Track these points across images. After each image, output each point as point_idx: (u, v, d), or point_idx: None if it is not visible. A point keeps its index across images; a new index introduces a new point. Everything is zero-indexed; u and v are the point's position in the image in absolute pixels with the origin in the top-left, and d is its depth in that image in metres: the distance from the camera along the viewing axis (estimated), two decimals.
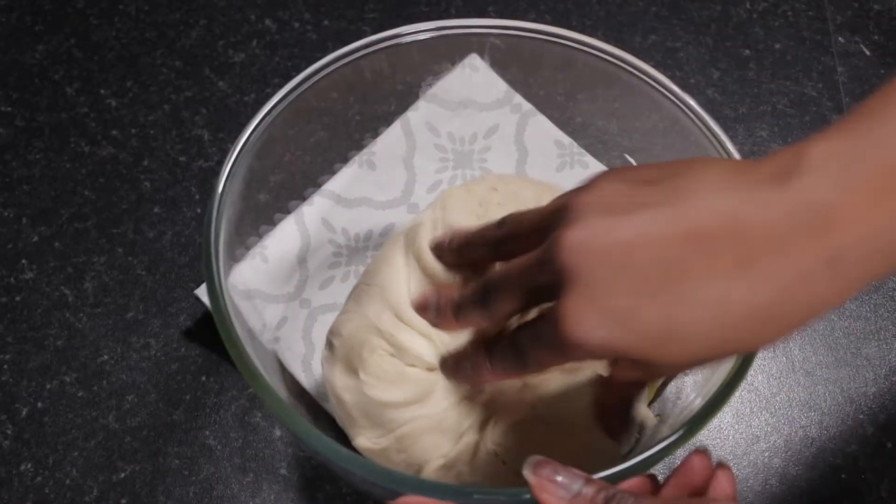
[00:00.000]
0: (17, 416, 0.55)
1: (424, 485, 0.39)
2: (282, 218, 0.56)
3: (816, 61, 0.68)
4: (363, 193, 0.58)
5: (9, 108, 0.66)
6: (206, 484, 0.53)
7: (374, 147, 0.59)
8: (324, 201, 0.57)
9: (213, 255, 0.45)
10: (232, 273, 0.49)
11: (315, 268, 0.56)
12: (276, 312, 0.53)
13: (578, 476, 0.35)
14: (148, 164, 0.64)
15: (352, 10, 0.71)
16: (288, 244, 0.56)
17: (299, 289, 0.55)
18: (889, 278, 0.59)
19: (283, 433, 0.55)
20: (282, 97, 0.51)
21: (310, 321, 0.55)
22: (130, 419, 0.55)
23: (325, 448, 0.40)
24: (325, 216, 0.57)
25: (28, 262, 0.60)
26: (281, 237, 0.55)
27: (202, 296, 0.56)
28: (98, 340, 0.58)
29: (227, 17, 0.71)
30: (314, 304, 0.55)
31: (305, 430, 0.41)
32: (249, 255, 0.53)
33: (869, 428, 0.55)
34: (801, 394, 0.56)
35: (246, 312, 0.48)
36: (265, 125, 0.50)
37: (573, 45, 0.53)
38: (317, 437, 0.40)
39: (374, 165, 0.59)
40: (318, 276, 0.56)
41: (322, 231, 0.57)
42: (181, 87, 0.67)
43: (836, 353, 0.57)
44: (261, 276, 0.53)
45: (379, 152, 0.59)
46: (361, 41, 0.53)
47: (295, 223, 0.56)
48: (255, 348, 0.46)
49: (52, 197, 0.63)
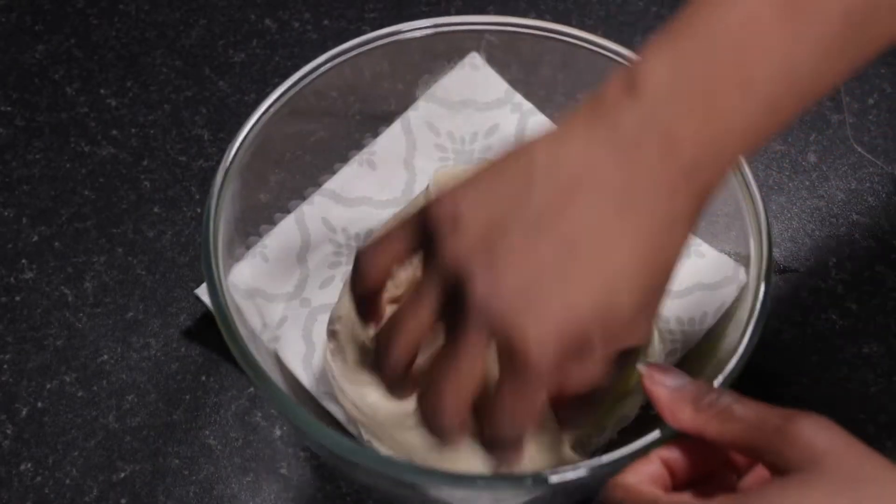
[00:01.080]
0: (16, 416, 0.55)
1: (431, 473, 0.40)
2: (282, 217, 0.56)
3: None
4: (363, 193, 0.58)
5: (8, 108, 0.66)
6: (206, 484, 0.53)
7: (374, 147, 0.59)
8: (324, 200, 0.57)
9: (211, 253, 0.46)
10: (232, 272, 0.49)
11: (315, 267, 0.56)
12: (276, 311, 0.54)
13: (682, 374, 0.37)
14: (148, 164, 0.64)
15: (352, 10, 0.71)
16: (288, 243, 0.56)
17: (299, 288, 0.55)
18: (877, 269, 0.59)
19: (283, 433, 0.55)
20: (280, 94, 0.51)
21: (310, 321, 0.55)
22: (130, 419, 0.55)
23: (330, 441, 0.40)
24: (326, 215, 0.57)
25: (28, 262, 0.60)
26: (281, 236, 0.56)
27: (202, 295, 0.56)
28: (98, 340, 0.58)
29: (227, 17, 0.71)
30: (314, 304, 0.55)
31: (309, 424, 0.41)
32: (249, 253, 0.53)
33: (869, 428, 0.55)
34: (800, 393, 0.56)
35: (246, 311, 0.48)
36: (263, 123, 0.50)
37: (573, 41, 0.53)
38: (320, 429, 0.41)
39: (375, 165, 0.59)
40: (318, 276, 0.56)
41: (322, 230, 0.57)
42: (181, 86, 0.67)
43: (836, 352, 0.57)
44: (261, 275, 0.53)
45: (379, 152, 0.59)
46: (359, 38, 0.53)
47: (295, 222, 0.56)
48: (256, 347, 0.46)
49: (52, 197, 0.63)
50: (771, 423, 0.34)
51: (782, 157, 0.65)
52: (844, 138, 0.65)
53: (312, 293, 0.56)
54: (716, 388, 0.36)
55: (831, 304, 0.58)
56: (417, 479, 0.40)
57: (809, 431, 0.33)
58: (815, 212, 0.62)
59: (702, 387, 0.36)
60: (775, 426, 0.33)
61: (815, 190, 0.63)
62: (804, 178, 0.64)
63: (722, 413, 0.35)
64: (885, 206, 0.62)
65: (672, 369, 0.38)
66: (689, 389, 0.37)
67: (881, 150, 0.65)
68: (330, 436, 0.40)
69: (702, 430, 0.35)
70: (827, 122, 0.66)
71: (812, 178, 0.64)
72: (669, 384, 0.37)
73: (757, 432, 0.34)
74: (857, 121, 0.66)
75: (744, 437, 0.34)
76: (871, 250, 0.60)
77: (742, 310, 0.46)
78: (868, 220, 0.62)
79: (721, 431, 0.35)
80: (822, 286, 0.59)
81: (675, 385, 0.37)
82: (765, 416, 0.34)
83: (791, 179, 0.64)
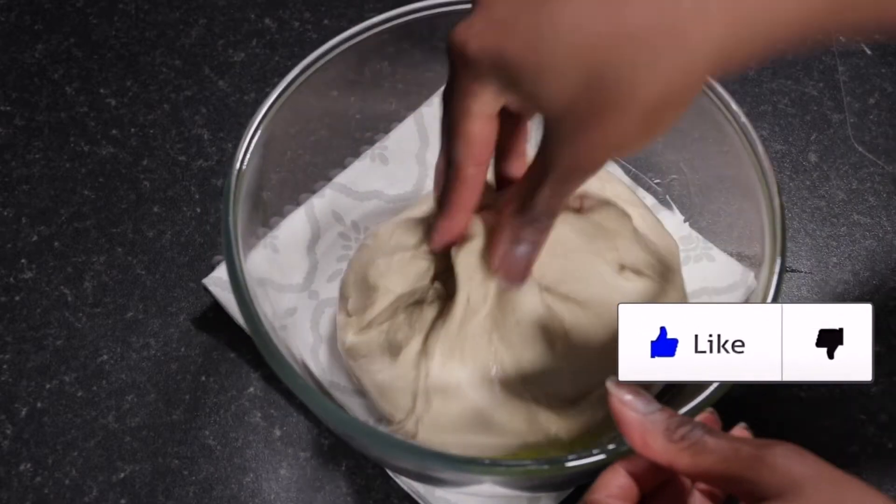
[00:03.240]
0: (16, 416, 0.55)
1: (452, 458, 0.40)
2: (292, 210, 0.57)
3: (817, 60, 0.68)
4: (374, 187, 0.59)
5: (8, 108, 0.66)
6: (206, 484, 0.53)
7: (386, 142, 0.60)
8: (334, 194, 0.58)
9: (231, 231, 0.46)
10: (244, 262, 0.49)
11: (324, 260, 0.57)
12: (285, 302, 0.54)
13: (651, 398, 0.36)
14: (147, 164, 0.64)
15: (352, 10, 0.71)
16: (298, 235, 0.56)
17: (308, 280, 0.56)
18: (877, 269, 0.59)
19: (282, 433, 0.55)
20: (304, 67, 0.51)
21: (317, 313, 0.55)
22: (130, 419, 0.55)
23: (345, 423, 0.42)
24: (336, 208, 0.58)
25: (27, 262, 0.60)
26: (291, 228, 0.56)
27: (210, 285, 0.56)
28: (97, 340, 0.58)
29: (226, 17, 0.71)
30: (322, 297, 0.56)
31: (325, 407, 0.42)
32: (261, 244, 0.54)
33: (869, 428, 0.55)
34: (799, 393, 0.56)
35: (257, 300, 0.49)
36: (280, 105, 0.50)
37: None
38: (335, 411, 0.42)
39: (387, 160, 0.59)
40: (326, 268, 0.57)
41: (332, 223, 0.57)
42: (181, 86, 0.67)
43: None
44: (271, 265, 0.54)
45: (391, 147, 0.60)
46: (391, 13, 0.53)
47: (305, 214, 0.57)
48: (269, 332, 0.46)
49: (52, 196, 0.63)
50: (745, 453, 0.33)
51: (783, 157, 0.65)
52: (845, 138, 0.65)
53: (320, 286, 0.56)
54: (687, 419, 0.36)
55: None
56: (436, 462, 0.41)
57: (785, 459, 0.33)
58: (816, 211, 0.62)
59: (673, 416, 0.36)
60: (749, 455, 0.33)
61: (815, 189, 0.63)
62: (805, 178, 0.64)
63: (694, 445, 0.34)
64: (885, 205, 0.62)
65: (641, 392, 0.37)
66: (661, 418, 0.36)
67: (882, 149, 0.64)
68: (338, 413, 0.42)
69: (673, 461, 0.35)
70: (828, 121, 0.66)
71: (813, 177, 0.64)
72: (641, 410, 0.36)
73: (731, 463, 0.34)
74: (857, 120, 0.66)
75: (718, 468, 0.34)
76: (871, 250, 0.60)
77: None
78: (869, 220, 0.62)
79: (694, 463, 0.34)
80: (821, 286, 0.59)
81: (646, 411, 0.36)
82: (738, 446, 0.34)
83: (792, 179, 0.64)
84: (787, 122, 0.66)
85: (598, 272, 0.48)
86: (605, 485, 0.37)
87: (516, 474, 0.41)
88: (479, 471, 0.41)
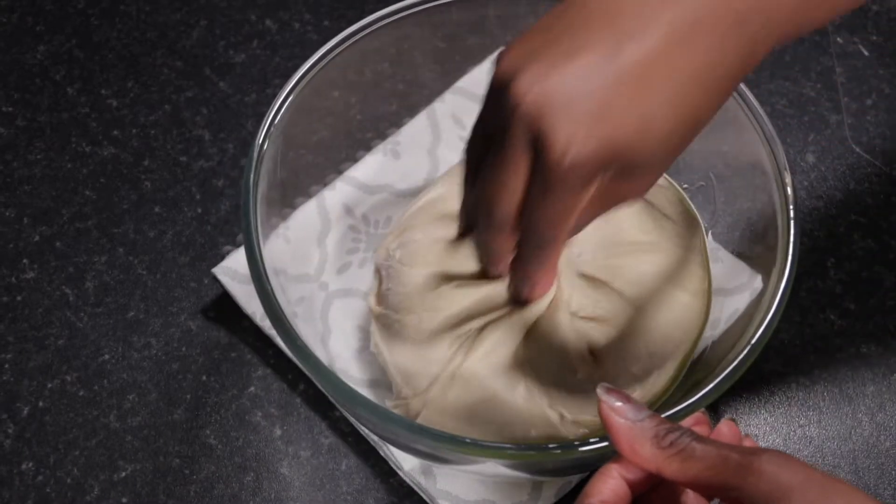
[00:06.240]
0: (18, 416, 0.55)
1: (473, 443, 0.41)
2: (303, 202, 0.57)
3: (815, 61, 0.68)
4: (385, 181, 0.59)
5: (10, 109, 0.67)
6: (207, 483, 0.54)
7: (398, 136, 0.60)
8: (346, 187, 0.59)
9: (251, 211, 0.47)
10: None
11: (334, 252, 0.57)
12: (295, 292, 0.54)
13: (641, 405, 0.37)
14: (149, 164, 0.64)
15: (352, 11, 0.71)
16: (308, 227, 0.57)
17: (318, 272, 0.56)
18: (875, 269, 0.59)
19: (283, 432, 0.55)
20: (324, 52, 0.52)
21: (327, 304, 0.55)
22: (131, 418, 0.55)
23: (359, 401, 0.43)
24: (346, 201, 0.58)
25: (29, 262, 0.60)
26: (302, 219, 0.57)
27: (220, 275, 0.57)
28: (99, 340, 0.58)
29: (227, 18, 0.71)
30: (331, 288, 0.56)
31: (335, 381, 0.43)
32: (273, 235, 0.54)
33: (868, 427, 0.55)
34: (798, 392, 0.56)
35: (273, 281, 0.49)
36: (299, 92, 0.51)
37: None
38: (348, 389, 0.43)
39: (399, 154, 0.60)
40: (336, 261, 0.57)
41: (342, 216, 0.58)
42: (182, 87, 0.67)
43: (835, 352, 0.57)
44: (283, 256, 0.54)
45: (403, 142, 0.60)
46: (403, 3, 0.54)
47: (316, 207, 0.57)
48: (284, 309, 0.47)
49: (53, 197, 0.63)
50: (732, 460, 0.34)
51: None
52: (843, 139, 0.65)
53: (330, 278, 0.57)
54: (676, 426, 0.36)
55: (830, 304, 0.59)
56: (452, 447, 0.42)
57: (773, 466, 0.33)
58: (814, 212, 0.62)
59: (662, 423, 0.36)
60: (737, 463, 0.33)
61: (813, 190, 0.63)
62: (802, 179, 0.64)
63: (682, 452, 0.35)
64: (882, 206, 0.62)
65: (631, 398, 0.37)
66: (649, 425, 0.36)
67: (879, 150, 0.65)
68: (352, 392, 0.43)
69: (661, 468, 0.35)
70: (825, 122, 0.66)
71: (810, 178, 0.64)
72: (630, 417, 0.36)
73: (719, 470, 0.34)
74: (855, 121, 0.66)
75: (706, 476, 0.34)
76: (869, 250, 0.61)
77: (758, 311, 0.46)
78: (866, 221, 0.62)
79: (682, 470, 0.35)
80: (820, 286, 0.59)
81: (635, 418, 0.36)
82: (726, 453, 0.34)
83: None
84: (785, 123, 0.66)
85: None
86: (597, 490, 0.37)
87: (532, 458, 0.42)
88: (489, 453, 0.42)
